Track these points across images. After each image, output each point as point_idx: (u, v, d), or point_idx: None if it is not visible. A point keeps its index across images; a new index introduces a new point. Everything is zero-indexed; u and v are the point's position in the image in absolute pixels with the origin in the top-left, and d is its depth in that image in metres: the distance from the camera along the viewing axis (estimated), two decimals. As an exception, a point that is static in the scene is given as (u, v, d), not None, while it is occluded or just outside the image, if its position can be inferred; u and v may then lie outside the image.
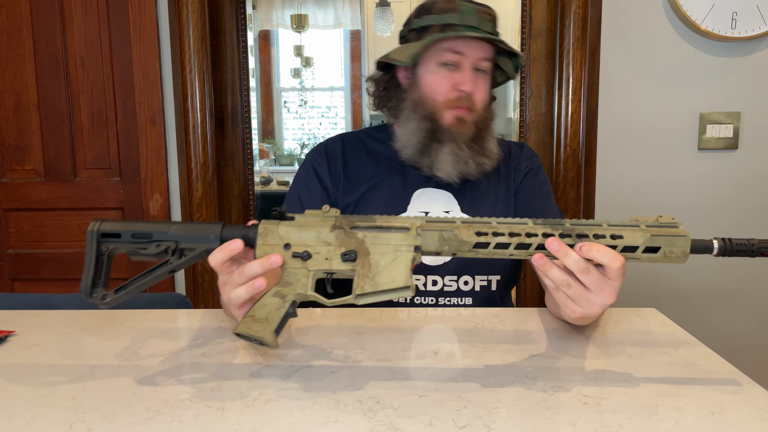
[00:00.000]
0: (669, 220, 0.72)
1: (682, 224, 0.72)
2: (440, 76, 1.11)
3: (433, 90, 1.12)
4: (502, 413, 0.65)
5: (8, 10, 1.91)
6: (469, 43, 1.09)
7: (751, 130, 1.89)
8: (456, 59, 1.10)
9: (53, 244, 2.01)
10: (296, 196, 1.18)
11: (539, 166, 1.24)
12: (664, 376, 0.75)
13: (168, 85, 1.93)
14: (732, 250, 0.71)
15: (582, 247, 0.70)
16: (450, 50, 1.10)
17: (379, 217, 0.76)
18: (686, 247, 0.71)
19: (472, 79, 1.10)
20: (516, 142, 1.27)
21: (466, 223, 0.73)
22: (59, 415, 0.66)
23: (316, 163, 1.20)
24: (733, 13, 1.81)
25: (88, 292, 0.75)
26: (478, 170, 1.13)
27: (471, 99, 1.11)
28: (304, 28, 5.34)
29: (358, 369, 0.78)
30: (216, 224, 0.78)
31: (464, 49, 1.09)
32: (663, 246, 0.71)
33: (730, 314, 1.97)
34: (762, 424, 0.63)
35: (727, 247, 0.71)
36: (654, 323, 0.96)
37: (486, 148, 1.13)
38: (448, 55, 1.10)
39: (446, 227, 0.73)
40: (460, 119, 1.11)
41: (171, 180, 1.96)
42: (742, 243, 0.71)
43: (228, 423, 0.64)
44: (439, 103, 1.12)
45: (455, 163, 1.11)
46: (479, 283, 1.14)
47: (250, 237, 0.76)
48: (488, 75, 1.15)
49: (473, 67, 1.11)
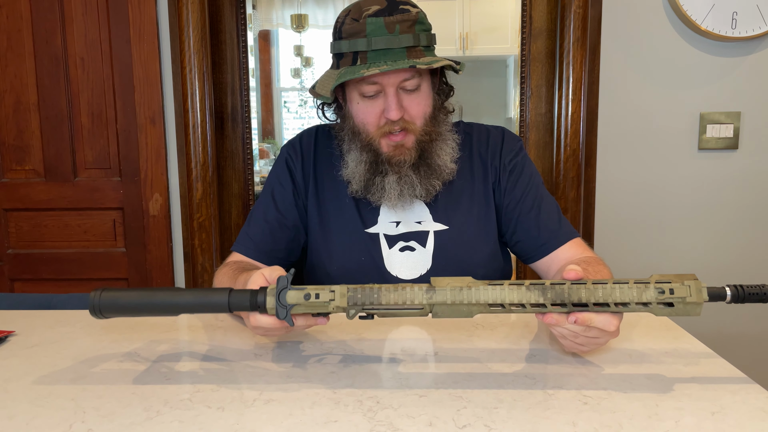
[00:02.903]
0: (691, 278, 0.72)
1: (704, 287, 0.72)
2: (366, 106, 1.05)
3: (362, 120, 1.06)
4: (502, 413, 0.65)
5: (8, 10, 1.91)
6: (387, 72, 1.00)
7: (752, 130, 1.89)
8: (375, 89, 1.03)
9: (53, 244, 2.01)
10: (270, 193, 1.16)
11: (524, 158, 1.17)
12: (664, 376, 0.75)
13: (168, 85, 1.92)
14: (744, 297, 0.72)
15: (576, 320, 0.73)
16: (365, 82, 1.02)
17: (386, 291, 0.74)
18: (698, 310, 0.71)
19: (396, 105, 1.02)
20: (495, 127, 1.20)
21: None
22: (59, 415, 0.66)
23: (290, 159, 1.18)
24: (734, 12, 1.81)
25: None
26: (428, 193, 1.08)
27: (404, 120, 1.04)
28: (304, 28, 5.33)
29: (358, 369, 0.78)
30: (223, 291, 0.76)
31: (379, 78, 1.01)
32: (676, 305, 0.71)
33: (730, 314, 1.97)
34: (762, 424, 0.63)
35: (739, 293, 0.72)
36: (654, 323, 0.96)
37: (436, 167, 1.08)
38: (366, 88, 1.03)
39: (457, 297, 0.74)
40: (397, 146, 1.06)
41: (171, 180, 1.96)
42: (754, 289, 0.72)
43: (228, 423, 0.64)
44: (372, 133, 1.06)
45: (401, 192, 1.06)
46: None
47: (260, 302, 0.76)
48: (419, 89, 1.05)
49: (398, 89, 1.03)
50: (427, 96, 1.08)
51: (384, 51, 1.00)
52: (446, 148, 1.10)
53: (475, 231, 1.12)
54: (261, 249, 1.12)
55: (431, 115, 1.08)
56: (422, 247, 1.10)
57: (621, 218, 1.95)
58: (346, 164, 1.10)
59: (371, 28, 1.00)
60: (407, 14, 1.01)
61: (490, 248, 1.13)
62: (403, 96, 1.04)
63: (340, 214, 1.13)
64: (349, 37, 1.02)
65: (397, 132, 1.05)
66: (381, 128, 1.05)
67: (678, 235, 1.95)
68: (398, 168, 1.06)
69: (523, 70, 2.00)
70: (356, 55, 1.02)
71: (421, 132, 1.06)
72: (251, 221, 1.15)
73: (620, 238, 1.95)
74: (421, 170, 1.07)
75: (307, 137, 1.20)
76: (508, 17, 4.33)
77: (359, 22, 1.01)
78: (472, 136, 1.18)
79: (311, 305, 0.74)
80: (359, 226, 1.12)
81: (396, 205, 1.08)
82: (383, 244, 1.11)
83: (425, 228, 1.11)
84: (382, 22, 1.00)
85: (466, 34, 4.43)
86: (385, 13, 1.00)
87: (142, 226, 1.98)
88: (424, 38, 1.03)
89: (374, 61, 1.00)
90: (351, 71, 1.00)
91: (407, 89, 1.04)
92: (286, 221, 1.14)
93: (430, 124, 1.08)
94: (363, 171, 1.08)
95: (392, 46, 1.00)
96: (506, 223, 1.14)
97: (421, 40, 1.02)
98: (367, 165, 1.07)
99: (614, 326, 0.74)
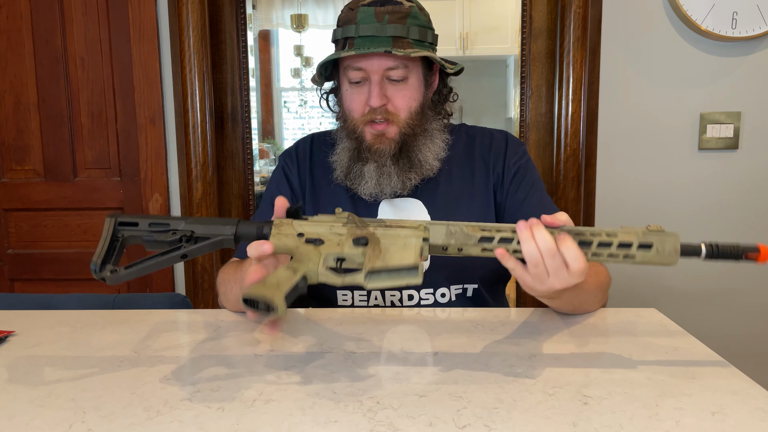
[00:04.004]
0: (657, 228, 0.75)
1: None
2: (352, 93, 1.08)
3: (349, 108, 1.10)
4: (502, 413, 0.65)
5: (8, 10, 1.90)
6: (369, 58, 1.04)
7: (752, 130, 1.89)
8: (361, 75, 1.06)
9: (53, 244, 2.01)
10: (269, 200, 1.16)
11: (528, 162, 1.17)
12: (664, 376, 0.75)
13: (168, 85, 1.92)
14: (719, 254, 0.74)
15: (558, 236, 0.74)
16: (351, 68, 1.06)
17: (388, 219, 0.78)
18: (677, 244, 0.74)
19: (378, 93, 1.04)
20: (498, 131, 1.20)
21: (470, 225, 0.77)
22: (59, 415, 0.66)
23: (286, 166, 1.20)
24: (734, 12, 1.81)
25: (98, 269, 0.77)
26: (405, 187, 1.09)
27: (387, 111, 1.06)
28: (304, 28, 5.33)
29: (358, 369, 0.78)
30: (232, 219, 0.80)
31: (364, 64, 1.04)
32: (655, 243, 0.74)
33: (730, 314, 1.97)
34: (762, 424, 0.63)
35: (714, 250, 0.74)
36: (654, 323, 0.96)
37: (416, 162, 1.09)
38: (352, 73, 1.06)
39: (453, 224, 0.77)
40: (378, 135, 1.08)
41: (171, 180, 1.96)
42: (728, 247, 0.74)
43: (228, 423, 0.64)
44: (357, 120, 1.08)
45: (378, 181, 1.08)
46: (455, 293, 1.12)
47: (265, 233, 0.78)
48: (406, 81, 1.07)
49: (384, 78, 1.05)
50: (414, 90, 1.09)
51: (370, 38, 1.03)
52: (431, 145, 1.11)
53: None
54: None
55: (417, 110, 1.09)
56: None
57: (621, 218, 1.95)
58: (336, 151, 1.13)
59: (361, 16, 1.04)
60: (399, 6, 1.05)
61: None
62: (388, 86, 1.07)
63: None
64: (343, 24, 1.07)
65: (380, 121, 1.07)
66: (365, 116, 1.08)
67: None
68: (378, 157, 1.08)
69: (523, 70, 2.00)
70: (345, 41, 1.06)
71: (404, 124, 1.08)
72: None
73: (620, 238, 1.95)
74: (401, 162, 1.08)
75: (303, 145, 1.22)
76: (508, 17, 4.33)
77: (354, 11, 1.06)
78: (474, 139, 1.19)
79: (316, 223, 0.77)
80: None
81: (372, 193, 1.09)
82: None
83: None
84: (372, 11, 1.04)
85: (466, 34, 4.43)
86: (377, 3, 1.05)
87: (142, 226, 1.98)
88: (415, 32, 1.05)
89: (359, 47, 1.03)
90: (335, 54, 1.05)
91: (392, 79, 1.06)
92: None
93: (415, 119, 1.09)
94: (346, 158, 1.10)
95: (378, 34, 1.03)
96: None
97: (411, 32, 1.05)
98: (351, 152, 1.10)
99: (580, 264, 0.74)
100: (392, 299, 1.11)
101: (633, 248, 0.74)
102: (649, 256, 0.74)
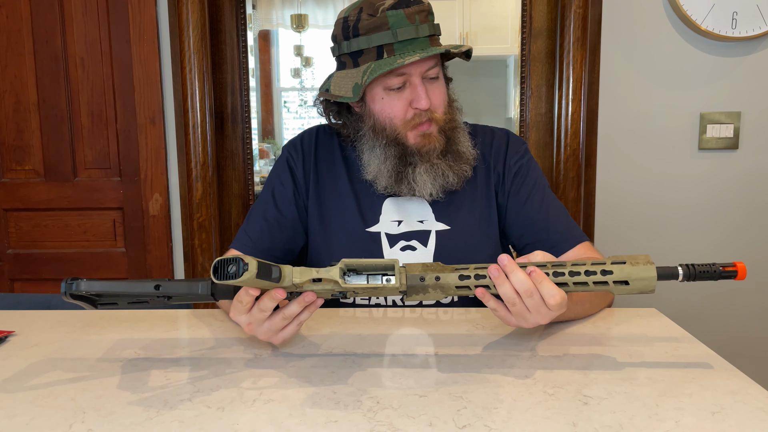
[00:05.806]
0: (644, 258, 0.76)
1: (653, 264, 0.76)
2: (391, 99, 1.05)
3: (388, 115, 1.06)
4: (502, 413, 0.65)
5: (8, 10, 1.91)
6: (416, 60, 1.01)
7: (752, 130, 1.89)
8: (402, 80, 1.03)
9: (53, 244, 2.01)
10: (270, 192, 1.15)
11: (529, 160, 1.16)
12: (664, 376, 0.75)
13: (168, 85, 1.92)
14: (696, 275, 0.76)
15: (532, 272, 0.74)
16: (392, 75, 1.02)
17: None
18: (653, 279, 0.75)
19: (424, 93, 1.03)
20: (499, 129, 1.19)
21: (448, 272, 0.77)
22: (59, 415, 0.66)
23: (291, 158, 1.17)
24: (734, 12, 1.81)
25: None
26: (459, 179, 1.09)
27: (429, 110, 1.05)
28: (304, 28, 5.33)
29: (358, 369, 0.78)
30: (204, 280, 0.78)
31: (407, 69, 1.02)
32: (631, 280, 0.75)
33: (730, 314, 1.97)
34: (762, 424, 0.63)
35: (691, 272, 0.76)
36: (654, 323, 0.96)
37: (461, 154, 1.09)
38: (393, 80, 1.03)
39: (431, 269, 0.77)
40: (424, 135, 1.06)
41: (171, 180, 1.96)
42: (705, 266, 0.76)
43: (228, 423, 0.64)
44: (399, 126, 1.06)
45: (434, 181, 1.06)
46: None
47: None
48: (438, 78, 1.07)
49: (422, 78, 1.04)
50: (443, 85, 1.10)
51: (410, 41, 1.02)
52: (464, 136, 1.11)
53: (476, 232, 1.12)
54: (258, 247, 1.11)
55: (448, 104, 1.10)
56: (423, 246, 1.10)
57: (621, 218, 1.95)
58: (368, 165, 1.10)
59: (394, 20, 1.01)
60: (422, 5, 1.04)
61: (491, 250, 1.13)
62: (427, 85, 1.06)
63: (340, 213, 1.13)
64: (369, 32, 1.02)
65: (424, 122, 1.06)
66: (408, 121, 1.06)
67: (678, 235, 1.95)
68: (428, 157, 1.06)
69: (523, 70, 2.00)
70: (381, 49, 1.02)
71: (443, 120, 1.08)
72: (250, 219, 1.15)
73: (620, 238, 1.95)
74: (449, 157, 1.08)
75: (308, 137, 1.19)
76: (508, 17, 4.32)
77: (377, 16, 1.01)
78: (476, 137, 1.18)
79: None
80: (360, 225, 1.11)
81: (432, 193, 1.07)
82: (384, 243, 1.11)
83: (427, 227, 1.11)
84: (402, 13, 1.01)
85: (466, 33, 4.42)
86: (403, 5, 1.02)
87: (142, 226, 1.98)
88: (438, 27, 1.06)
89: (402, 51, 1.01)
90: (386, 63, 1.00)
91: (430, 77, 1.06)
92: (285, 221, 1.13)
93: (448, 113, 1.09)
94: (392, 166, 1.07)
95: (417, 36, 1.02)
96: (512, 225, 1.13)
97: (436, 29, 1.06)
98: (396, 159, 1.07)
99: (557, 299, 0.74)
100: (394, 299, 1.11)
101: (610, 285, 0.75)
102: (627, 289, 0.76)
